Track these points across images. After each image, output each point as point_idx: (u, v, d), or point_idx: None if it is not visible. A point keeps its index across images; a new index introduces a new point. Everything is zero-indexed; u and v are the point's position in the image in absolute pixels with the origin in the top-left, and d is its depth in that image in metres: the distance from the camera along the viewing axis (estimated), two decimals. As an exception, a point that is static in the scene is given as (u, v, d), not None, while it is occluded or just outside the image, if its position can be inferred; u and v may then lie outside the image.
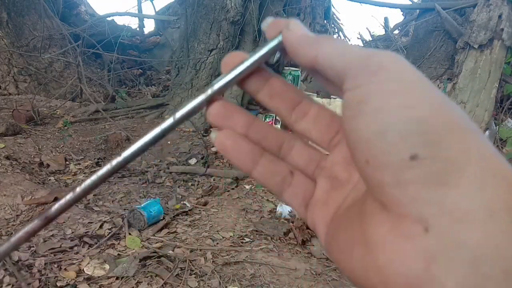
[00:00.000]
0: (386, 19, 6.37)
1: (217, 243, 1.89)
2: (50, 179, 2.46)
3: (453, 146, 0.17)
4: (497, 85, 3.03)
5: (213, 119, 0.26)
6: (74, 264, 1.62)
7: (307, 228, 1.96)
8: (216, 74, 3.77)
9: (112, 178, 2.60)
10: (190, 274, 1.63)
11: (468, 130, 0.17)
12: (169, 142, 3.23)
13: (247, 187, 2.55)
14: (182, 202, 2.31)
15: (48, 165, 2.62)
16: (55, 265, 1.61)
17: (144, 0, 5.55)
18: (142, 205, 2.00)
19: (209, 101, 0.26)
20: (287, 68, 3.06)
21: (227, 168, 2.85)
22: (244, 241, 1.94)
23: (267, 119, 3.97)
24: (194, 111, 0.26)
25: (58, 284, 1.50)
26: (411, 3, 4.57)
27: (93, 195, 2.31)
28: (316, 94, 3.13)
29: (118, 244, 1.81)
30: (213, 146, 3.26)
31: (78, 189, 0.25)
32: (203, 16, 3.72)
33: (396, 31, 6.33)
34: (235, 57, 0.25)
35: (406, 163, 0.17)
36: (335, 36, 4.99)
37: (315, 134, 0.26)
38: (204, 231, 2.00)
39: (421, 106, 0.17)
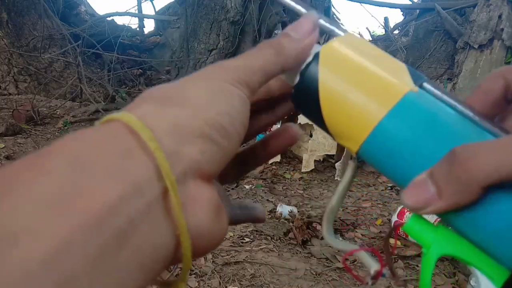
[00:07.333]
0: (386, 19, 6.37)
1: (217, 243, 1.89)
2: (50, 179, 2.46)
3: None
4: (497, 85, 3.03)
5: None
6: (74, 264, 1.62)
7: (307, 228, 1.97)
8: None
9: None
10: (190, 274, 1.63)
11: None
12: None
13: (247, 187, 2.54)
14: (182, 202, 2.31)
15: (48, 165, 2.62)
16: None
17: (144, 0, 5.55)
18: (142, 205, 2.00)
19: None
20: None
21: (227, 168, 2.85)
22: (244, 241, 1.94)
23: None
24: None
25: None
26: (411, 3, 4.57)
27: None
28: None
29: (118, 244, 1.81)
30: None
31: None
32: (203, 16, 3.72)
33: (396, 31, 6.33)
34: None
35: None
36: None
37: None
38: (204, 231, 2.00)
39: None
